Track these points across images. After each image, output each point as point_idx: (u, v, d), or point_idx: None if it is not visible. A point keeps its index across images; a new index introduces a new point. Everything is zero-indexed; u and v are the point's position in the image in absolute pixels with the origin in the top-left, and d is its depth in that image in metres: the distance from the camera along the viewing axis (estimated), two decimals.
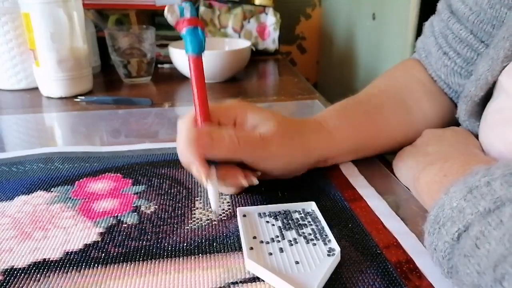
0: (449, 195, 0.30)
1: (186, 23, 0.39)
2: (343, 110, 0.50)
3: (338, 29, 1.35)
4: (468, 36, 0.49)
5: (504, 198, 0.26)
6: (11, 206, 0.43)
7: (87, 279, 0.33)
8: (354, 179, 0.47)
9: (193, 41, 0.39)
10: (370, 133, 0.50)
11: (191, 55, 0.39)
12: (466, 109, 0.48)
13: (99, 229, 0.39)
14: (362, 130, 0.49)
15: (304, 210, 0.41)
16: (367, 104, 0.51)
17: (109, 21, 1.04)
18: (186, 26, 0.39)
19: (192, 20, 0.39)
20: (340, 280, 0.32)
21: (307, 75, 1.46)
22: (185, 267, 0.34)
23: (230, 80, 0.91)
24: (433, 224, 0.30)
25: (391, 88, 0.54)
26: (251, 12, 1.09)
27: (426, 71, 0.56)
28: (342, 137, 0.47)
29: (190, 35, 0.39)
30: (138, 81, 0.90)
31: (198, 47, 0.39)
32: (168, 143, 0.58)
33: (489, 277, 0.25)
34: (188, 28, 0.39)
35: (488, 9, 0.46)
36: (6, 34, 0.81)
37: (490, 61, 0.44)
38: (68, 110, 0.75)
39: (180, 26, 0.39)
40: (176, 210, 0.42)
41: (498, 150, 0.42)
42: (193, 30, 0.39)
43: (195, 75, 0.40)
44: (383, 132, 0.51)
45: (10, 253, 0.36)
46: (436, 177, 0.40)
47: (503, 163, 0.29)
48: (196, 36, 0.39)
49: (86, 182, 0.48)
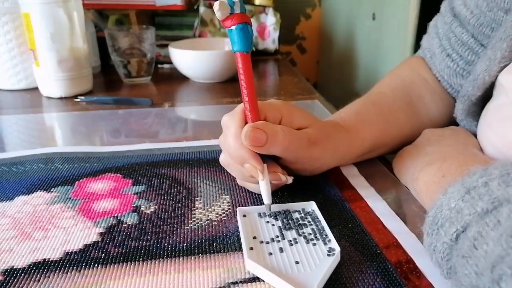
0: (447, 195, 0.30)
1: (237, 19, 0.37)
2: (358, 111, 0.51)
3: (338, 29, 1.35)
4: (469, 39, 0.50)
5: (501, 198, 0.26)
6: (11, 206, 0.43)
7: (87, 279, 0.33)
8: (354, 179, 0.47)
9: (243, 38, 0.38)
10: (384, 132, 0.50)
11: (241, 53, 0.38)
12: (463, 108, 0.49)
13: (99, 229, 0.39)
14: (377, 130, 0.50)
15: (304, 210, 0.41)
16: (379, 104, 0.52)
17: (109, 21, 1.04)
18: (237, 22, 0.37)
19: (244, 16, 0.38)
20: (340, 280, 0.32)
21: (307, 75, 1.46)
22: (185, 267, 0.34)
23: (230, 80, 0.92)
24: (431, 225, 0.31)
25: (399, 87, 0.55)
26: (251, 12, 1.09)
27: (430, 70, 0.57)
28: (361, 139, 0.48)
29: (241, 32, 0.37)
30: (138, 81, 0.91)
31: (248, 44, 0.38)
32: (168, 143, 0.58)
33: (486, 278, 0.25)
34: (238, 25, 0.37)
35: (487, 12, 0.47)
36: (6, 34, 0.81)
37: (487, 61, 0.44)
38: (68, 110, 0.75)
39: (229, 22, 0.37)
40: (176, 210, 0.42)
41: (496, 147, 0.42)
42: (244, 27, 0.38)
43: (245, 72, 0.39)
44: (395, 131, 0.51)
45: (10, 253, 0.36)
46: (435, 178, 0.40)
47: (500, 163, 0.29)
48: (246, 33, 0.38)
49: (86, 182, 0.48)
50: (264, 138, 0.38)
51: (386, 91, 0.55)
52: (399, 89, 0.54)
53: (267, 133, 0.38)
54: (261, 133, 0.38)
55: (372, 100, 0.53)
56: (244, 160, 0.40)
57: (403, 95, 0.54)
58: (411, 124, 0.53)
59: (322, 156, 0.44)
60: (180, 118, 0.74)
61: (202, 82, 0.91)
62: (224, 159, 0.44)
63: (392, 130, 0.51)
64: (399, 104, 0.53)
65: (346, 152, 0.48)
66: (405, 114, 0.53)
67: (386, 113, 0.51)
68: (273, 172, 0.41)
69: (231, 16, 0.37)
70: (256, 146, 0.38)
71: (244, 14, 0.38)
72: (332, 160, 0.46)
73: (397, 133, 0.52)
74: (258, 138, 0.38)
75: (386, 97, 0.53)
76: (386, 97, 0.53)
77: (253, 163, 0.39)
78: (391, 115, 0.51)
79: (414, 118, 0.53)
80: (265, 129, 0.39)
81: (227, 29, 0.38)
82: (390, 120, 0.51)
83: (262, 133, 0.38)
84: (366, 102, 0.53)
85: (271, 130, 0.39)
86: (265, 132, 0.38)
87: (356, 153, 0.49)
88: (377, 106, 0.52)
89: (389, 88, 0.55)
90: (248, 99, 0.40)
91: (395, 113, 0.52)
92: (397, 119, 0.52)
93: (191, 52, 0.87)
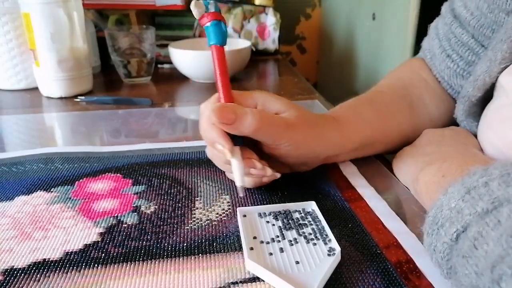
0: (447, 195, 0.30)
1: (211, 16, 0.42)
2: (354, 107, 0.51)
3: (338, 29, 1.35)
4: (470, 40, 0.50)
5: (501, 199, 0.26)
6: (11, 206, 0.43)
7: (87, 279, 0.33)
8: (354, 179, 0.47)
9: (217, 33, 0.42)
10: (379, 129, 0.50)
11: (215, 45, 0.42)
12: (464, 109, 0.49)
13: (99, 229, 0.39)
14: (373, 126, 0.50)
15: (304, 209, 0.41)
16: (376, 102, 0.52)
17: (109, 21, 1.04)
18: (211, 19, 0.42)
19: (217, 15, 0.42)
20: (340, 280, 0.32)
21: (307, 75, 1.46)
22: (185, 267, 0.34)
23: (230, 80, 0.91)
24: (431, 225, 0.31)
25: (399, 87, 0.55)
26: (251, 12, 1.09)
27: (430, 71, 0.57)
28: (355, 132, 0.48)
29: (216, 27, 0.42)
30: (138, 81, 0.91)
31: (222, 38, 0.42)
32: (168, 143, 0.58)
33: (486, 278, 0.25)
34: (213, 21, 0.42)
35: (488, 14, 0.47)
36: (6, 34, 0.81)
37: (488, 62, 0.44)
38: (68, 110, 0.75)
39: (205, 19, 0.42)
40: (176, 210, 0.42)
41: (497, 148, 0.42)
42: (217, 23, 0.42)
43: (218, 63, 0.43)
44: (392, 128, 0.51)
45: (10, 253, 0.36)
46: (435, 178, 0.40)
47: (500, 163, 0.29)
48: (220, 28, 0.42)
49: (86, 182, 0.48)
50: (233, 116, 0.39)
51: (385, 90, 0.55)
52: (399, 90, 0.54)
53: (237, 113, 0.39)
54: (229, 111, 0.39)
55: (369, 98, 0.53)
56: (214, 139, 0.40)
57: (403, 95, 0.54)
58: (411, 125, 0.53)
59: (306, 142, 0.43)
60: (180, 118, 0.74)
61: (202, 82, 0.91)
62: (207, 151, 0.45)
63: (388, 128, 0.51)
64: (398, 104, 0.53)
65: (338, 143, 0.47)
66: (404, 114, 0.52)
67: (383, 111, 0.51)
68: (247, 158, 0.41)
69: (206, 14, 0.42)
70: (225, 123, 0.39)
71: (218, 13, 0.43)
72: (321, 148, 0.45)
73: (395, 132, 0.51)
74: (226, 115, 0.39)
75: (384, 96, 0.53)
76: (384, 96, 0.53)
77: (222, 141, 0.40)
78: (388, 113, 0.51)
79: (414, 119, 0.53)
80: (235, 109, 0.39)
81: (204, 27, 0.43)
82: (386, 118, 0.51)
83: (231, 111, 0.39)
84: (362, 99, 0.53)
85: (241, 111, 0.40)
86: (234, 110, 0.39)
87: (349, 145, 0.48)
88: (374, 104, 0.52)
89: (388, 88, 0.55)
90: (222, 86, 0.43)
91: (393, 112, 0.52)
92: (395, 118, 0.52)
93: (191, 52, 0.87)
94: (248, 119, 0.39)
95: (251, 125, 0.39)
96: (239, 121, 0.39)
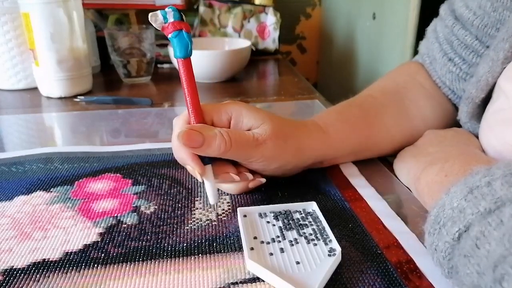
0: (449, 195, 0.30)
1: (171, 27, 0.38)
2: (341, 112, 0.50)
3: (338, 29, 1.35)
4: (474, 41, 0.49)
5: (504, 198, 0.26)
6: (11, 206, 0.43)
7: (87, 279, 0.33)
8: (354, 179, 0.47)
9: (179, 45, 0.39)
10: (368, 135, 0.49)
11: (179, 59, 0.39)
12: (468, 111, 0.48)
13: (98, 229, 0.39)
14: (360, 132, 0.49)
15: (305, 210, 0.41)
16: (366, 107, 0.51)
17: (109, 21, 1.04)
18: (171, 30, 0.38)
19: (176, 24, 0.38)
20: (341, 280, 0.32)
21: (307, 75, 1.46)
22: (185, 267, 0.34)
23: (230, 80, 0.91)
24: (433, 224, 0.30)
25: (391, 90, 0.54)
26: (251, 12, 1.09)
27: (428, 76, 0.55)
28: (340, 139, 0.47)
29: (177, 39, 0.39)
30: (138, 81, 0.90)
31: (184, 50, 0.39)
32: (168, 143, 0.57)
33: (488, 278, 0.25)
34: (173, 32, 0.38)
35: (492, 13, 0.46)
36: (6, 34, 0.81)
37: (490, 62, 0.44)
38: (68, 110, 0.75)
39: (166, 31, 0.39)
40: (176, 210, 0.42)
41: (497, 150, 0.42)
42: (178, 34, 0.39)
43: (185, 78, 0.40)
44: (381, 134, 0.50)
45: (10, 253, 0.36)
46: (437, 177, 0.40)
47: (503, 163, 0.29)
48: (181, 40, 0.39)
49: (86, 182, 0.48)
50: (201, 139, 0.38)
51: (376, 94, 0.53)
52: (391, 93, 0.53)
53: (204, 134, 0.38)
54: (197, 135, 0.38)
55: (358, 103, 0.52)
56: (183, 161, 0.40)
57: (394, 99, 0.52)
58: (402, 128, 0.51)
59: (279, 156, 0.42)
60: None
61: (202, 82, 0.91)
62: None
63: (376, 133, 0.50)
64: (388, 107, 0.51)
65: (318, 152, 0.46)
66: (394, 118, 0.51)
67: (372, 115, 0.50)
68: (225, 173, 0.41)
69: (165, 26, 0.39)
70: (192, 147, 0.38)
71: (179, 22, 0.39)
72: (298, 159, 0.44)
73: (385, 136, 0.50)
74: (193, 139, 0.38)
75: (374, 100, 0.52)
76: (374, 100, 0.52)
77: (192, 164, 0.39)
78: (376, 118, 0.50)
79: (405, 122, 0.52)
80: (202, 131, 0.38)
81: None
82: (374, 123, 0.50)
83: (198, 134, 0.38)
84: (351, 104, 0.51)
85: (208, 133, 0.38)
86: (201, 133, 0.38)
87: (334, 153, 0.47)
88: (362, 108, 0.51)
89: (379, 91, 0.54)
90: (190, 102, 0.40)
91: (382, 116, 0.51)
92: (384, 123, 0.50)
93: None
94: (217, 142, 0.38)
95: (220, 147, 0.39)
96: (206, 145, 0.38)
